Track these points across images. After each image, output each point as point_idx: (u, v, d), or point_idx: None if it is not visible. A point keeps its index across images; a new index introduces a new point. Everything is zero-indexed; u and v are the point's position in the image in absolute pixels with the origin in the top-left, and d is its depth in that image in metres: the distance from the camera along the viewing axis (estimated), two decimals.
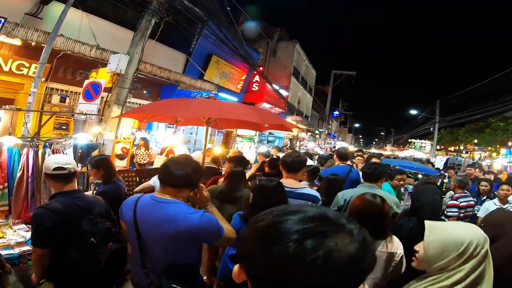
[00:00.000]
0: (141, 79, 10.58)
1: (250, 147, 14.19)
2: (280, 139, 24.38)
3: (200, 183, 2.26)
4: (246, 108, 4.81)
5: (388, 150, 43.66)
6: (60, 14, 6.93)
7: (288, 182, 3.08)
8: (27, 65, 8.48)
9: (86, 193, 3.46)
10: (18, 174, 4.62)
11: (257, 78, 17.31)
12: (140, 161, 8.65)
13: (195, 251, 2.17)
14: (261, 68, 17.78)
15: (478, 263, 1.54)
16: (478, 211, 5.47)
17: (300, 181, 3.62)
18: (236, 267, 0.77)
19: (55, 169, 2.57)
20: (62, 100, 8.97)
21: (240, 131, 16.87)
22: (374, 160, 6.40)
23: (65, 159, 2.73)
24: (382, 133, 71.97)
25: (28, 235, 4.18)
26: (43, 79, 8.80)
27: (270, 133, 21.91)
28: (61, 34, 7.86)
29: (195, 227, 1.96)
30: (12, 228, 4.65)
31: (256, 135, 19.22)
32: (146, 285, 2.05)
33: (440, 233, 1.64)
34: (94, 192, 4.13)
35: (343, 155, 5.55)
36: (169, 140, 9.66)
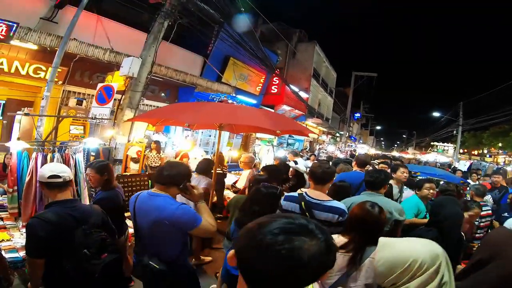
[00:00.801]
0: (158, 81, 10.46)
1: (268, 151, 13.81)
2: (300, 142, 23.95)
3: (190, 184, 2.66)
4: (258, 113, 4.61)
5: (410, 154, 42.64)
6: (73, 18, 6.78)
7: (315, 194, 3.04)
8: (44, 68, 8.44)
9: None
10: (27, 178, 4.56)
11: (276, 80, 16.90)
12: (152, 164, 8.43)
13: (178, 240, 2.54)
14: (278, 71, 17.34)
15: (426, 280, 1.55)
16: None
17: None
18: (231, 252, 0.95)
19: (50, 177, 2.54)
20: (79, 103, 8.94)
21: (260, 134, 16.51)
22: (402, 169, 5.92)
23: (60, 167, 2.70)
24: (404, 136, 70.01)
25: None
26: (60, 83, 8.82)
27: (290, 136, 21.52)
28: (74, 38, 7.77)
29: (171, 215, 2.39)
30: (20, 231, 4.54)
31: (275, 138, 18.87)
32: (136, 263, 2.66)
33: (389, 250, 1.69)
34: (91, 199, 4.11)
35: (362, 162, 5.52)
36: (182, 144, 9.42)
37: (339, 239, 2.39)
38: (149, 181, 6.53)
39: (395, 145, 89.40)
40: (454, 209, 3.00)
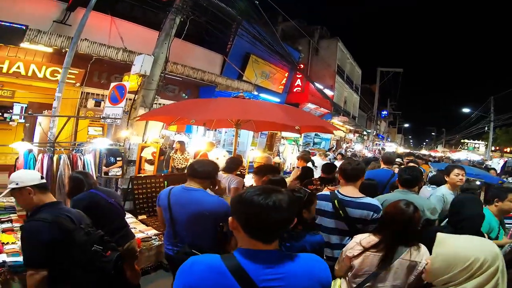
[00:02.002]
0: (177, 81, 10.15)
1: (293, 150, 13.19)
2: (326, 141, 23.10)
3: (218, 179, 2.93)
4: (276, 108, 4.24)
5: (440, 152, 40.77)
6: (81, 18, 6.50)
7: (347, 191, 2.99)
8: (60, 71, 8.16)
9: None
10: None
11: (299, 77, 16.21)
12: (178, 165, 8.05)
13: (214, 231, 2.63)
14: (302, 66, 16.66)
15: (484, 281, 1.49)
16: None
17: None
18: (230, 218, 1.37)
19: (41, 177, 2.47)
20: (97, 104, 8.75)
21: (285, 133, 15.90)
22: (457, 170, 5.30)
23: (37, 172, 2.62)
24: (433, 133, 67.13)
25: None
26: (77, 85, 8.63)
27: (316, 134, 20.80)
28: (86, 39, 7.57)
29: (212, 206, 2.61)
30: None
31: (301, 137, 18.20)
32: (174, 254, 2.74)
33: (448, 247, 1.63)
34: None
35: (388, 159, 5.54)
36: (199, 144, 8.93)
37: (370, 238, 2.32)
38: (165, 182, 6.11)
39: (424, 143, 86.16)
40: (475, 210, 2.79)
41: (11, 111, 8.31)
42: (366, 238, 2.33)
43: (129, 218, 5.26)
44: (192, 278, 1.29)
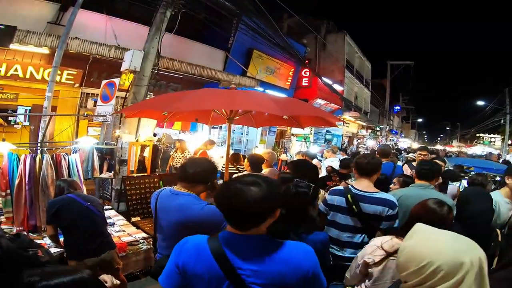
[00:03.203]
0: (179, 79, 9.81)
1: (301, 147, 12.67)
2: (338, 137, 22.48)
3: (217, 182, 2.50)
4: (265, 98, 3.80)
5: (455, 147, 39.40)
6: (70, 17, 6.23)
7: (362, 185, 2.86)
8: (59, 72, 7.94)
9: None
10: (17, 181, 4.33)
11: (307, 72, 15.62)
12: (176, 164, 7.66)
13: None
14: (307, 61, 16.07)
15: None
16: None
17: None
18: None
19: None
20: (96, 104, 8.35)
21: (295, 130, 15.43)
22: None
23: None
24: (448, 128, 65.01)
25: None
26: (76, 85, 8.36)
27: (327, 131, 20.24)
28: (76, 37, 7.28)
29: (196, 216, 2.17)
30: None
31: (311, 133, 17.64)
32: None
33: (417, 240, 1.36)
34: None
35: (384, 152, 5.47)
36: (195, 142, 8.51)
37: (393, 241, 2.02)
38: (161, 182, 5.73)
39: (439, 138, 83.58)
40: (483, 206, 2.72)
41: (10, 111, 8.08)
42: (389, 241, 2.03)
43: (120, 220, 4.95)
44: (181, 256, 1.40)
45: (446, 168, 5.57)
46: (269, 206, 1.34)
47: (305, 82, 15.62)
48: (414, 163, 5.32)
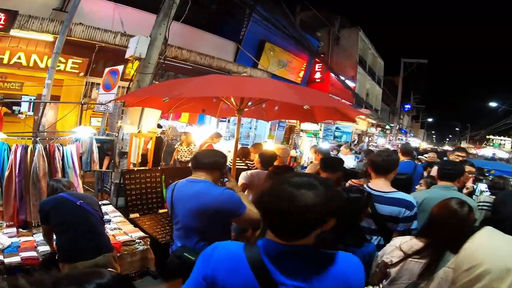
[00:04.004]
0: (189, 69, 9.41)
1: (311, 144, 12.15)
2: (348, 135, 21.84)
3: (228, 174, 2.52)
4: (280, 85, 3.24)
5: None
6: (73, 2, 5.93)
7: (377, 184, 2.64)
8: (63, 60, 7.74)
9: None
10: (7, 173, 3.94)
11: (319, 67, 15.04)
12: (181, 158, 7.21)
13: (218, 230, 2.22)
14: (321, 56, 15.51)
15: None
16: None
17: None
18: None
19: None
20: None
21: (304, 126, 14.95)
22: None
23: None
24: (457, 129, 63.43)
25: (9, 242, 3.54)
26: (81, 74, 7.99)
27: (337, 128, 19.65)
28: (80, 23, 6.92)
29: (215, 201, 2.11)
30: (2, 232, 3.81)
31: (320, 130, 17.12)
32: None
33: (478, 240, 1.40)
34: None
35: (407, 150, 5.36)
36: (201, 135, 8.04)
37: (412, 242, 1.92)
38: (162, 176, 5.25)
39: (447, 139, 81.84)
40: None
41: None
42: (408, 242, 1.93)
43: (117, 217, 4.50)
44: (210, 266, 1.18)
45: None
46: (326, 213, 1.12)
47: (317, 77, 15.06)
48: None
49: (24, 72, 7.64)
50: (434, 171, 5.61)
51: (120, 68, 5.44)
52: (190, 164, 2.47)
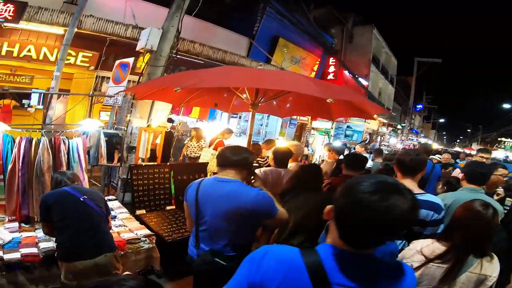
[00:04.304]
0: (201, 64, 9.14)
1: (323, 142, 11.85)
2: (359, 133, 21.46)
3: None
4: (301, 78, 3.09)
5: (474, 150, 37.53)
6: None
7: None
8: (73, 54, 7.60)
9: None
10: (10, 166, 3.77)
11: (333, 63, 14.74)
12: (191, 154, 7.00)
13: (249, 232, 2.19)
14: (336, 50, 15.22)
15: None
16: None
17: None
18: (328, 207, 1.06)
19: None
20: None
21: (316, 124, 14.67)
22: None
23: None
24: (469, 130, 62.19)
25: (10, 237, 3.37)
26: (92, 68, 7.83)
27: (348, 126, 19.32)
28: (91, 15, 6.77)
29: (250, 202, 1.98)
30: (4, 225, 3.66)
31: (332, 128, 16.83)
32: (195, 258, 2.16)
33: None
34: None
35: (427, 150, 5.37)
36: (212, 131, 7.81)
37: (434, 245, 1.82)
38: (171, 172, 5.04)
39: (458, 140, 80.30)
40: None
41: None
42: (429, 246, 1.85)
43: (123, 214, 4.31)
44: (260, 272, 1.04)
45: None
46: (415, 219, 1.03)
47: (331, 74, 14.75)
48: None
49: (34, 65, 7.53)
50: (456, 172, 5.36)
51: (130, 60, 5.24)
52: (216, 160, 2.30)
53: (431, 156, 9.34)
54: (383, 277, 1.03)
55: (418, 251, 1.87)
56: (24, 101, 8.66)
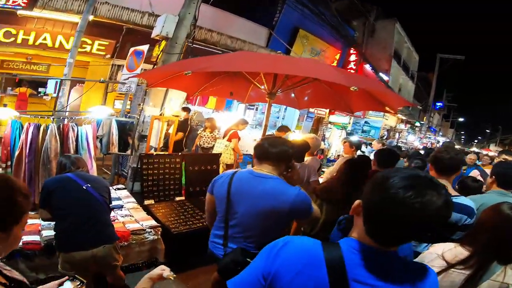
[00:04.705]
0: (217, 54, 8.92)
1: (341, 136, 11.50)
2: (376, 130, 20.92)
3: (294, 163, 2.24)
4: (323, 65, 3.11)
5: (493, 151, 36.18)
6: None
7: None
8: (89, 42, 7.58)
9: None
10: (17, 152, 3.69)
11: (353, 57, 14.31)
12: (204, 144, 6.79)
13: (278, 230, 2.02)
14: (355, 45, 14.77)
15: None
16: None
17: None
18: (357, 202, 1.01)
19: None
20: None
21: (333, 118, 14.32)
22: None
23: None
24: (488, 131, 60.11)
25: None
26: (108, 56, 7.72)
27: (366, 122, 18.84)
28: (106, 2, 6.66)
29: (291, 202, 1.88)
30: None
31: (350, 123, 16.44)
32: (222, 256, 2.04)
33: None
34: None
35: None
36: (227, 121, 7.58)
37: (456, 250, 1.66)
38: (183, 163, 4.84)
39: (476, 141, 77.79)
40: None
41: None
42: (452, 250, 1.69)
43: (130, 203, 4.14)
44: (277, 262, 1.02)
45: None
46: (449, 216, 0.95)
47: (351, 68, 14.34)
48: None
49: (50, 53, 7.49)
50: (473, 173, 5.03)
51: (145, 48, 5.05)
52: (253, 152, 2.15)
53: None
54: (406, 277, 0.98)
55: (439, 255, 1.73)
56: (40, 89, 8.68)
